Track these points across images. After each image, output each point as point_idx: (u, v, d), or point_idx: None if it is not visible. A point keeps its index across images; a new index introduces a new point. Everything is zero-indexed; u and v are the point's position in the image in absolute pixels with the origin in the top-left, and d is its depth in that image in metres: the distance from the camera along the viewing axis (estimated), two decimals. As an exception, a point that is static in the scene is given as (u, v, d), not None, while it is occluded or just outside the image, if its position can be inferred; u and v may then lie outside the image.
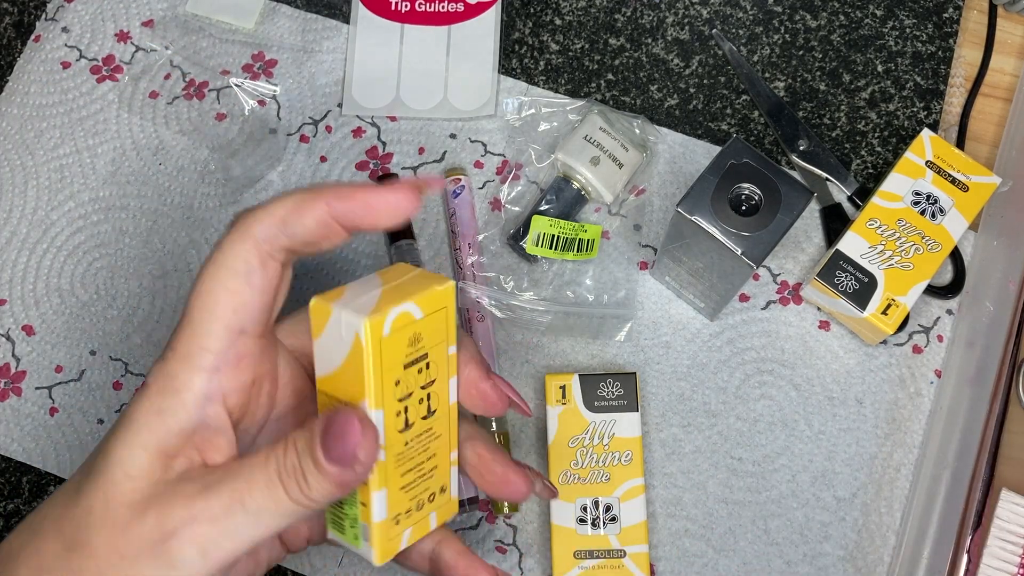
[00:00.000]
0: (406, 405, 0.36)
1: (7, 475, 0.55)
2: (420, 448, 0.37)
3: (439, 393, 0.37)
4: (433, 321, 0.36)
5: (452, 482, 0.39)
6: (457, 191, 0.57)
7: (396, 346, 0.35)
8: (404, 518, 0.37)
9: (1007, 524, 0.50)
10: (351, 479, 0.33)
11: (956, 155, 0.54)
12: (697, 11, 0.62)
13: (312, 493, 0.33)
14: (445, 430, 0.38)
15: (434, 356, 0.36)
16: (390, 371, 0.35)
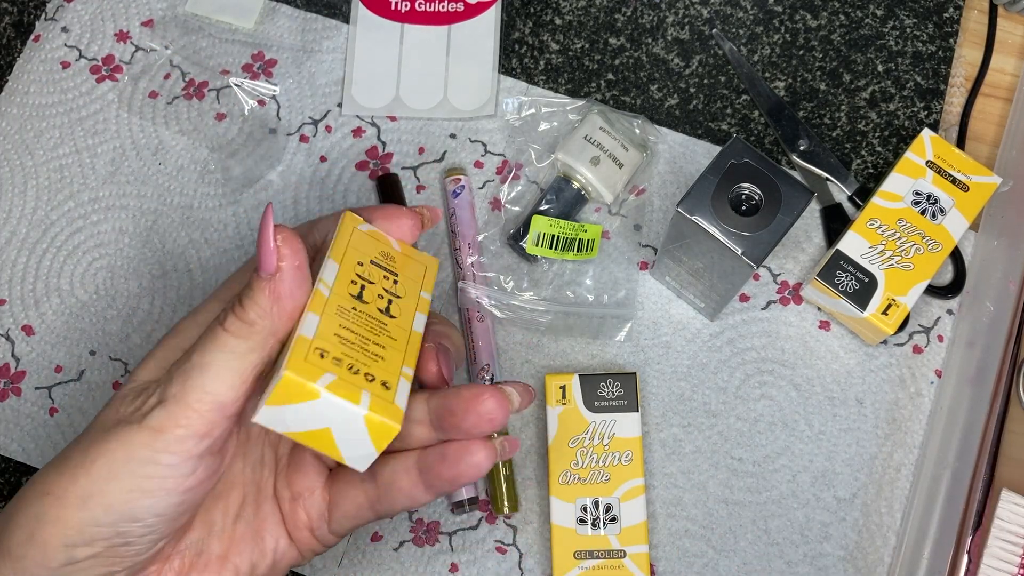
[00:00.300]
0: (363, 284, 0.39)
1: (6, 475, 0.55)
2: (368, 327, 0.38)
3: (403, 308, 0.40)
4: (410, 263, 0.42)
5: (401, 391, 0.38)
6: (457, 191, 0.57)
7: (366, 244, 0.41)
8: (331, 361, 0.36)
9: (1007, 524, 0.50)
10: (278, 284, 0.36)
11: (956, 155, 0.54)
12: (697, 11, 0.62)
13: (247, 313, 0.36)
14: (402, 340, 0.39)
15: (405, 282, 0.41)
16: (355, 250, 0.40)
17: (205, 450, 0.36)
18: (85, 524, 0.35)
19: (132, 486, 0.35)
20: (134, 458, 0.35)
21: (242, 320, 0.36)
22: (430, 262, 0.43)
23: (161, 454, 0.35)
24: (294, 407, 0.36)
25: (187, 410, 0.35)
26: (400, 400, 0.37)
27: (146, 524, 0.36)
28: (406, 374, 0.38)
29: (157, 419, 0.35)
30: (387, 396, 0.37)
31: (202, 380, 0.35)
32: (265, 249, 0.36)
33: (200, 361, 0.36)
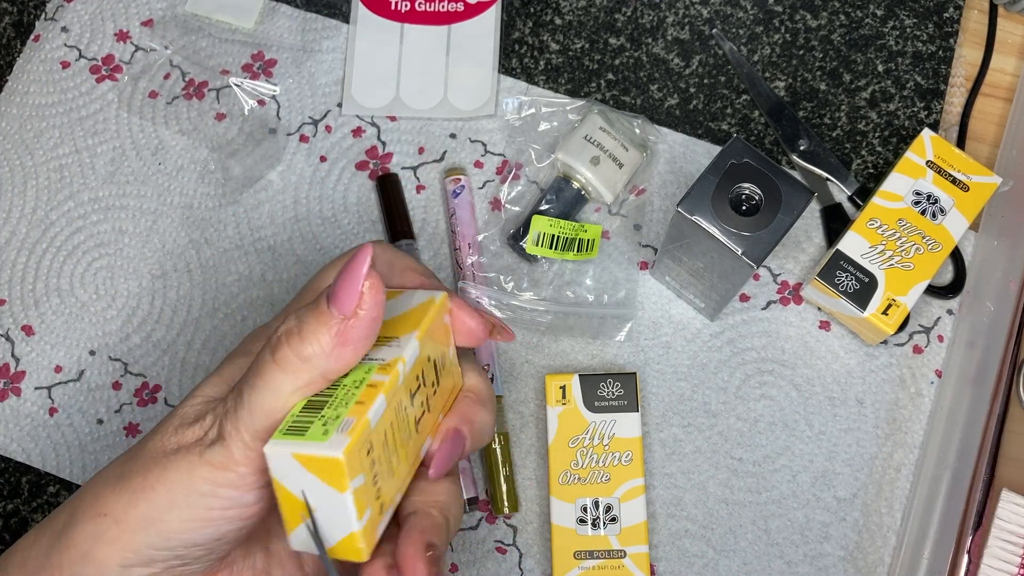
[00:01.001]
0: (420, 385, 0.35)
1: (6, 475, 0.55)
2: (402, 436, 0.35)
3: (424, 428, 0.37)
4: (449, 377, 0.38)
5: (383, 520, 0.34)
6: (457, 191, 0.57)
7: (441, 337, 0.37)
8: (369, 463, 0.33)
9: (1008, 524, 0.50)
10: (347, 328, 0.33)
11: (957, 155, 0.54)
12: (697, 11, 0.62)
13: (304, 348, 0.33)
14: (407, 465, 0.36)
15: (439, 397, 0.37)
16: (432, 340, 0.36)
17: (267, 481, 0.34)
18: (144, 547, 0.34)
19: (193, 516, 0.34)
20: (195, 491, 0.34)
21: (297, 354, 0.33)
22: (459, 382, 0.39)
23: (222, 488, 0.34)
24: (310, 474, 0.32)
25: (245, 449, 0.34)
26: (379, 530, 0.34)
27: (206, 547, 0.35)
28: (395, 502, 0.35)
29: (217, 457, 0.34)
30: (375, 522, 0.34)
31: (251, 420, 0.34)
32: (350, 290, 0.33)
33: (248, 400, 0.34)
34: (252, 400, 0.34)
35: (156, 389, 0.56)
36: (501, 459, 0.53)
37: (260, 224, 0.58)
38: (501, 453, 0.53)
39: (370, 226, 0.58)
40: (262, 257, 0.58)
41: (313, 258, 0.58)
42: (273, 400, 0.33)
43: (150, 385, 0.56)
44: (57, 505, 0.55)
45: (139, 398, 0.56)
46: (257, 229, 0.58)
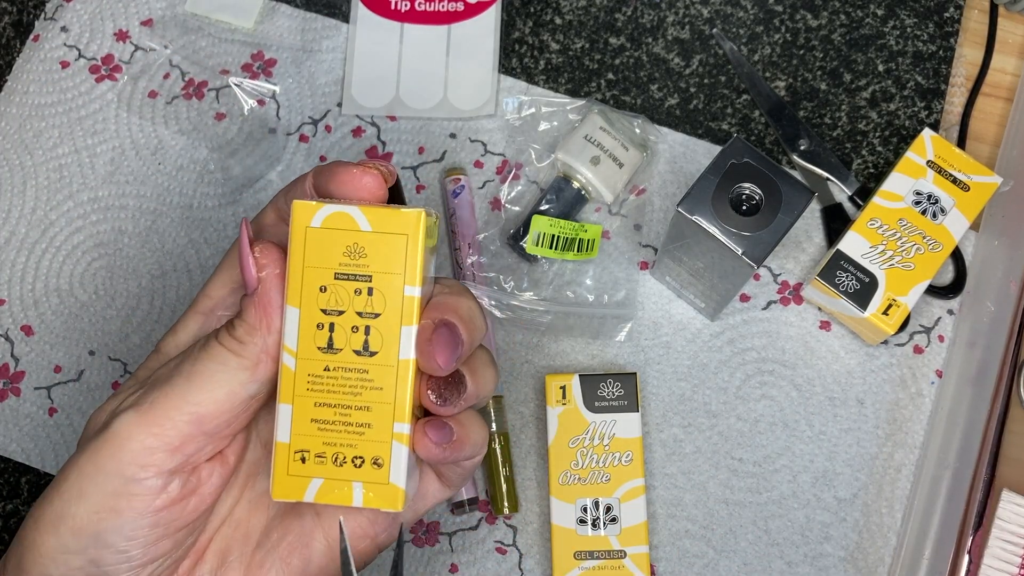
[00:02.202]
0: (333, 322, 0.34)
1: (6, 475, 0.55)
2: (347, 386, 0.34)
3: (384, 334, 0.34)
4: (385, 243, 0.34)
5: (396, 463, 0.34)
6: (457, 191, 0.57)
7: (326, 246, 0.34)
8: (314, 462, 0.34)
9: (1008, 525, 0.50)
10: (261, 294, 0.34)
11: (957, 155, 0.54)
12: (698, 10, 0.62)
13: (236, 330, 0.34)
14: (390, 386, 0.34)
15: (382, 285, 0.34)
16: (313, 268, 0.34)
17: (177, 466, 0.34)
18: (57, 551, 0.33)
19: (99, 505, 0.33)
20: (101, 470, 0.33)
21: (233, 337, 0.34)
22: (409, 223, 0.34)
23: (128, 466, 0.33)
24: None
25: (161, 418, 0.33)
26: (396, 475, 0.34)
27: (118, 550, 0.33)
28: (399, 435, 0.34)
29: (126, 425, 0.33)
30: (381, 477, 0.34)
31: (186, 388, 0.33)
32: (245, 264, 0.34)
33: (189, 369, 0.34)
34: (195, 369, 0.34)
35: (156, 389, 0.56)
36: (501, 459, 0.53)
37: (260, 224, 0.58)
38: (501, 453, 0.53)
39: (370, 226, 0.58)
40: (262, 257, 0.58)
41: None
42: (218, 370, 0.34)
43: (150, 385, 0.56)
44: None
45: (139, 398, 0.56)
46: (257, 229, 0.58)
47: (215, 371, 0.34)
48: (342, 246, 0.34)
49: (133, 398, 0.34)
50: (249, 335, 0.34)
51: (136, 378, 0.37)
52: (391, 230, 0.34)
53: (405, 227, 0.34)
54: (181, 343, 0.37)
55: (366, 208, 0.34)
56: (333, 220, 0.34)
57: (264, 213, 0.38)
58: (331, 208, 0.34)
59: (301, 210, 0.34)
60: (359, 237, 0.34)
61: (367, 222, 0.33)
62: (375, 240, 0.34)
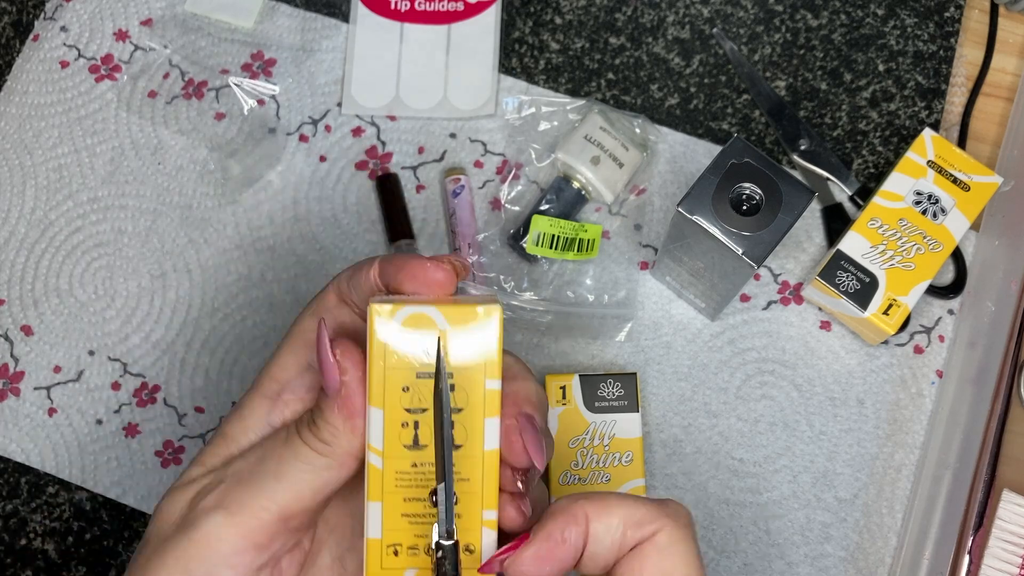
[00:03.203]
0: (417, 420, 0.34)
1: (6, 476, 0.55)
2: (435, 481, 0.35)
3: (468, 427, 0.34)
4: (461, 336, 0.34)
5: (487, 548, 0.34)
6: (457, 191, 0.57)
7: (407, 343, 0.33)
8: (406, 554, 0.35)
9: (1008, 525, 0.50)
10: (345, 397, 0.34)
11: (957, 155, 0.54)
12: (698, 10, 0.62)
13: (320, 431, 0.34)
14: (477, 477, 0.34)
15: (463, 381, 0.34)
16: (395, 370, 0.34)
17: (264, 563, 0.34)
18: None
19: None
20: (190, 573, 0.33)
21: (317, 438, 0.34)
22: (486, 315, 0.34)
23: (219, 568, 0.33)
24: None
25: (250, 518, 0.33)
26: (488, 553, 0.34)
27: None
28: (488, 521, 0.34)
29: (214, 526, 0.33)
30: (474, 562, 0.34)
31: (274, 488, 0.34)
32: (327, 367, 0.34)
33: (276, 469, 0.34)
34: (281, 470, 0.34)
35: (155, 389, 0.56)
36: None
37: (260, 224, 0.58)
38: (501, 453, 0.53)
39: (370, 226, 0.58)
40: (262, 257, 0.58)
41: (313, 258, 0.58)
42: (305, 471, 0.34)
43: (149, 385, 0.56)
44: (56, 505, 0.55)
45: (138, 398, 0.56)
46: (257, 229, 0.58)
47: (302, 471, 0.34)
48: (421, 347, 0.33)
49: (216, 495, 0.34)
50: (335, 437, 0.34)
51: (204, 464, 0.36)
52: (469, 325, 0.33)
53: (483, 321, 0.34)
54: (249, 427, 0.36)
55: (443, 307, 0.33)
56: (411, 321, 0.33)
57: (326, 296, 0.38)
58: (409, 310, 0.33)
59: (379, 312, 0.33)
60: (440, 335, 0.33)
61: (445, 320, 0.33)
62: (455, 338, 0.34)
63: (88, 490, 0.55)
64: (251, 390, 0.37)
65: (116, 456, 0.55)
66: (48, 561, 0.54)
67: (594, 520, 0.32)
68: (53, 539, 0.54)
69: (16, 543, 0.54)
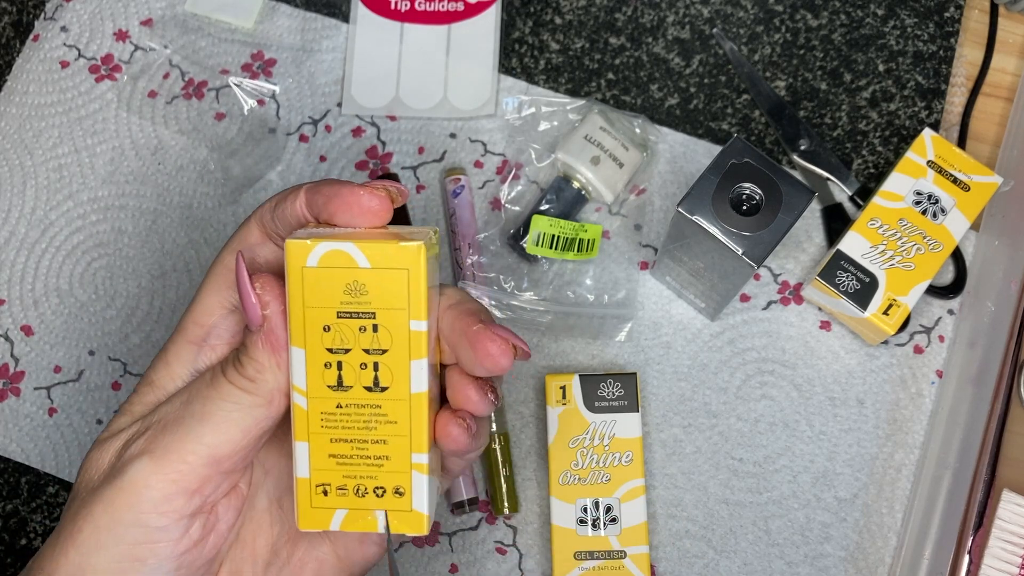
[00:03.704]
0: (340, 360, 0.33)
1: (6, 476, 0.55)
2: (361, 422, 0.34)
3: (393, 369, 0.34)
4: (386, 279, 0.33)
5: (418, 491, 0.34)
6: (457, 191, 0.57)
7: (325, 285, 0.33)
8: (335, 494, 0.34)
9: (1008, 525, 0.50)
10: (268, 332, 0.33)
11: (957, 155, 0.54)
12: (698, 10, 0.62)
13: (245, 368, 0.33)
14: (404, 419, 0.34)
15: (386, 321, 0.33)
16: (315, 308, 0.33)
17: (197, 508, 0.33)
18: None
19: (121, 555, 0.32)
20: (119, 522, 0.32)
21: (242, 375, 0.33)
22: (409, 257, 0.32)
23: (148, 515, 0.32)
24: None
25: (177, 463, 0.32)
26: (418, 502, 0.34)
27: None
28: (418, 464, 0.34)
29: (141, 472, 0.32)
30: (404, 505, 0.34)
31: (200, 431, 0.33)
32: (247, 303, 0.33)
33: (201, 410, 0.33)
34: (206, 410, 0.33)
35: (155, 389, 0.56)
36: (501, 459, 0.53)
37: (260, 224, 0.58)
38: (501, 453, 0.53)
39: (370, 226, 0.58)
40: (262, 257, 0.58)
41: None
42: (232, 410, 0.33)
43: (149, 385, 0.56)
44: (57, 505, 0.55)
45: (138, 398, 0.56)
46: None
47: (229, 410, 0.33)
48: (342, 284, 0.33)
49: (142, 442, 0.33)
50: (260, 373, 0.33)
51: (131, 413, 0.35)
52: (391, 265, 0.33)
53: (406, 262, 0.32)
54: (176, 374, 0.36)
55: (362, 243, 0.32)
56: (329, 258, 0.32)
57: (248, 230, 0.36)
58: (326, 246, 0.32)
59: (295, 250, 0.32)
60: (358, 275, 0.33)
61: (365, 259, 0.32)
62: (375, 276, 0.33)
63: (88, 490, 0.55)
64: (175, 335, 0.36)
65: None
66: (48, 561, 0.54)
67: None
68: (53, 539, 0.54)
69: (16, 543, 0.54)
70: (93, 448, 0.35)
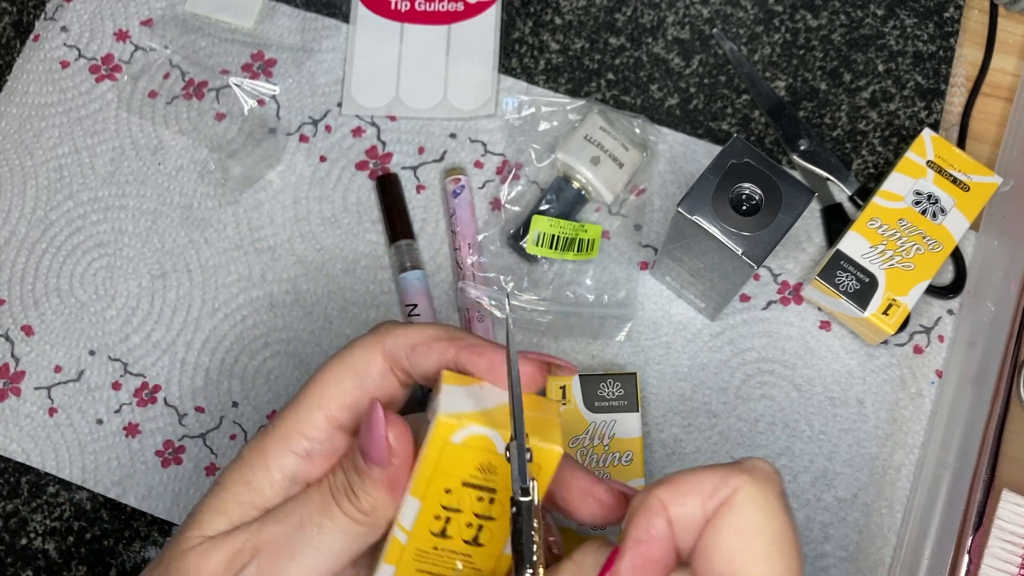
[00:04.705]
0: (450, 516, 0.35)
1: (6, 475, 0.55)
2: (451, 562, 0.36)
3: (495, 534, 0.36)
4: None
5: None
6: (457, 191, 0.57)
7: (461, 460, 0.34)
8: None
9: (1008, 524, 0.50)
10: (391, 476, 0.34)
11: (957, 155, 0.54)
12: (698, 10, 0.62)
13: (361, 503, 0.35)
14: (488, 569, 0.36)
15: (504, 498, 0.35)
16: (444, 474, 0.35)
17: None
18: None
19: None
20: None
21: (358, 509, 0.35)
22: (548, 460, 0.35)
23: None
24: None
25: None
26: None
27: None
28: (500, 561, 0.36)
29: None
30: None
31: (316, 561, 0.34)
32: (377, 443, 0.34)
33: (317, 539, 0.34)
34: (319, 541, 0.34)
35: (156, 389, 0.56)
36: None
37: (260, 224, 0.58)
38: (501, 453, 0.53)
39: (370, 226, 0.58)
40: (262, 257, 0.58)
41: (313, 258, 0.58)
42: (343, 540, 0.35)
43: (150, 385, 0.56)
44: (57, 505, 0.55)
45: (139, 398, 0.56)
46: (257, 229, 0.58)
47: (339, 541, 0.35)
48: (476, 463, 0.35)
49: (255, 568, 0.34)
50: (375, 510, 0.35)
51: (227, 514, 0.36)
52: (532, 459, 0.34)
53: (539, 460, 0.34)
54: (275, 480, 0.36)
55: (506, 432, 0.34)
56: (473, 440, 0.34)
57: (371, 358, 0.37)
58: (474, 430, 0.34)
59: (445, 426, 0.34)
60: (495, 459, 0.35)
61: (504, 446, 0.34)
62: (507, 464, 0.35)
63: (88, 490, 0.55)
64: (274, 437, 0.37)
65: (116, 456, 0.55)
66: (48, 561, 0.54)
67: (671, 505, 0.31)
68: (53, 539, 0.54)
69: (16, 543, 0.54)
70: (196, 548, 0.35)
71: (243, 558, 0.35)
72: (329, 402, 0.36)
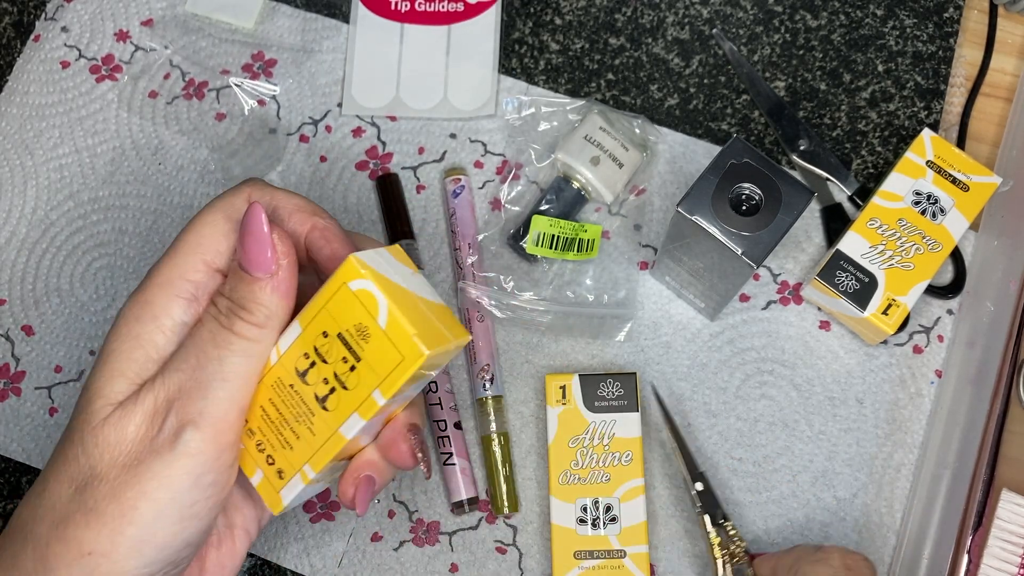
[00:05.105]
0: (315, 361, 0.36)
1: (6, 475, 0.55)
2: (295, 411, 0.37)
3: (341, 405, 0.36)
4: (384, 348, 0.35)
5: (291, 487, 0.37)
6: (457, 191, 0.57)
7: (347, 308, 0.35)
8: (244, 432, 0.37)
9: (1008, 524, 0.50)
10: (281, 280, 0.35)
11: (957, 155, 0.54)
12: (697, 11, 0.62)
13: (255, 315, 0.35)
14: (321, 439, 0.37)
15: (363, 373, 0.36)
16: (328, 315, 0.36)
17: (236, 456, 0.36)
18: (140, 569, 0.34)
19: (181, 516, 0.34)
20: (177, 490, 0.34)
21: (253, 324, 0.35)
22: (411, 353, 0.35)
23: (204, 476, 0.34)
24: None
25: (219, 424, 0.35)
26: (287, 494, 0.37)
27: (197, 545, 0.36)
28: (305, 473, 0.37)
29: (192, 443, 0.34)
30: (276, 484, 0.37)
31: (228, 391, 0.35)
32: (261, 248, 0.35)
33: (220, 371, 0.35)
34: (225, 370, 0.35)
35: (156, 389, 0.56)
36: (501, 459, 0.53)
37: (260, 224, 0.58)
38: (501, 453, 0.53)
39: (370, 226, 0.58)
40: (262, 257, 0.58)
41: (313, 258, 0.58)
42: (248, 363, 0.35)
43: (150, 385, 0.56)
44: (57, 505, 0.55)
45: (139, 398, 0.56)
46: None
47: (246, 364, 0.35)
48: (355, 320, 0.35)
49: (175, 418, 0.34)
50: (270, 319, 0.35)
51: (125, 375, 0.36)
52: (395, 345, 0.35)
53: (405, 352, 0.35)
54: (165, 328, 0.36)
55: (393, 310, 0.35)
56: (364, 296, 0.35)
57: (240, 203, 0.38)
58: (371, 286, 0.35)
59: (349, 268, 0.35)
60: (372, 325, 0.35)
61: (385, 320, 0.35)
62: (380, 338, 0.35)
63: (89, 490, 0.55)
64: (156, 288, 0.36)
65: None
66: (49, 560, 0.54)
67: None
68: (54, 538, 0.54)
69: (17, 542, 0.55)
70: (99, 426, 0.35)
71: (160, 415, 0.35)
72: (207, 246, 0.37)
